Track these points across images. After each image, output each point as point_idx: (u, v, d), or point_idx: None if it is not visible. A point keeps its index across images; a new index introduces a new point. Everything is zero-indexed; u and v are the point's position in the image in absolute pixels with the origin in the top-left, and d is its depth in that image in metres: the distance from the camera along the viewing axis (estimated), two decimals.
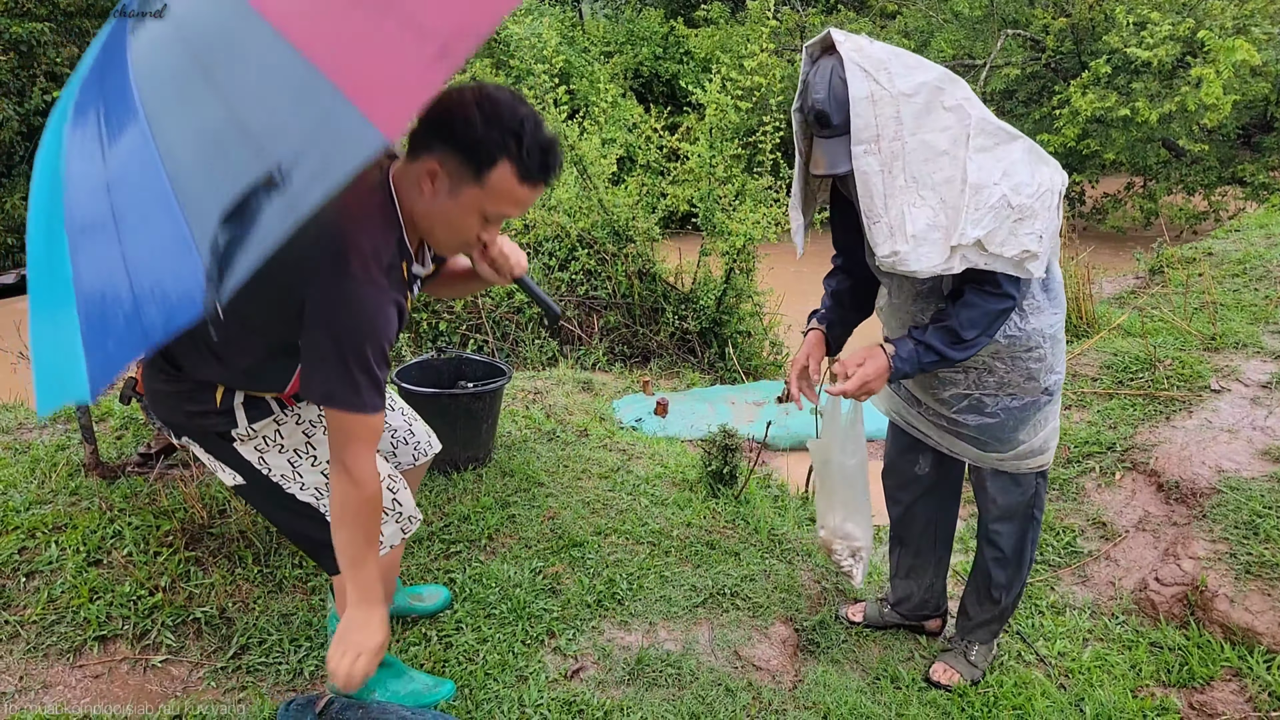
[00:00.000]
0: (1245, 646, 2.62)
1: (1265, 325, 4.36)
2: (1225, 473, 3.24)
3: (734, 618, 2.56)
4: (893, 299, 2.16)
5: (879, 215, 1.82)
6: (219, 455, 1.77)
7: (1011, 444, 2.19)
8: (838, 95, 1.79)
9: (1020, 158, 1.85)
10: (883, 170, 1.79)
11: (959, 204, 1.80)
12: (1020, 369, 2.10)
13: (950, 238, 1.80)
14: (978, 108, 1.83)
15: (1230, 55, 9.01)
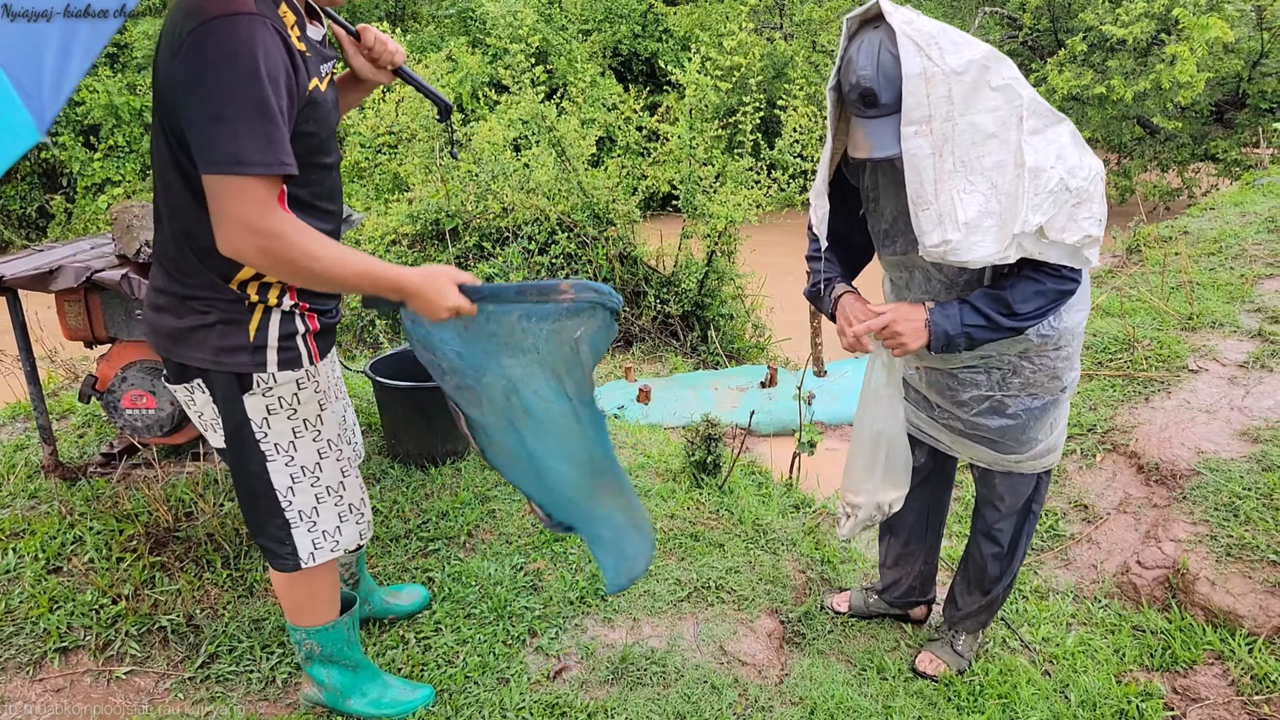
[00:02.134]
0: (1227, 629, 2.63)
1: (1241, 304, 4.37)
2: (1205, 454, 3.24)
3: (719, 611, 2.53)
4: (919, 293, 2.06)
5: (928, 201, 1.72)
6: (223, 404, 1.65)
7: (1030, 445, 2.14)
8: (887, 71, 1.68)
9: (1068, 140, 1.77)
10: (934, 153, 1.69)
11: (1014, 189, 1.70)
12: (1047, 368, 2.04)
13: (1007, 225, 1.71)
14: (1027, 88, 1.73)
15: (1204, 32, 9.03)
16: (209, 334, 1.60)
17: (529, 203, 5.68)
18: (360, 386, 3.79)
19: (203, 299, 1.59)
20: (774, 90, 9.10)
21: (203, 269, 1.57)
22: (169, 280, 1.60)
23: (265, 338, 1.63)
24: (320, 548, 1.79)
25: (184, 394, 1.69)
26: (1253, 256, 4.80)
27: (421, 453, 2.95)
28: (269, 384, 1.64)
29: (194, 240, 1.54)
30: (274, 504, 1.73)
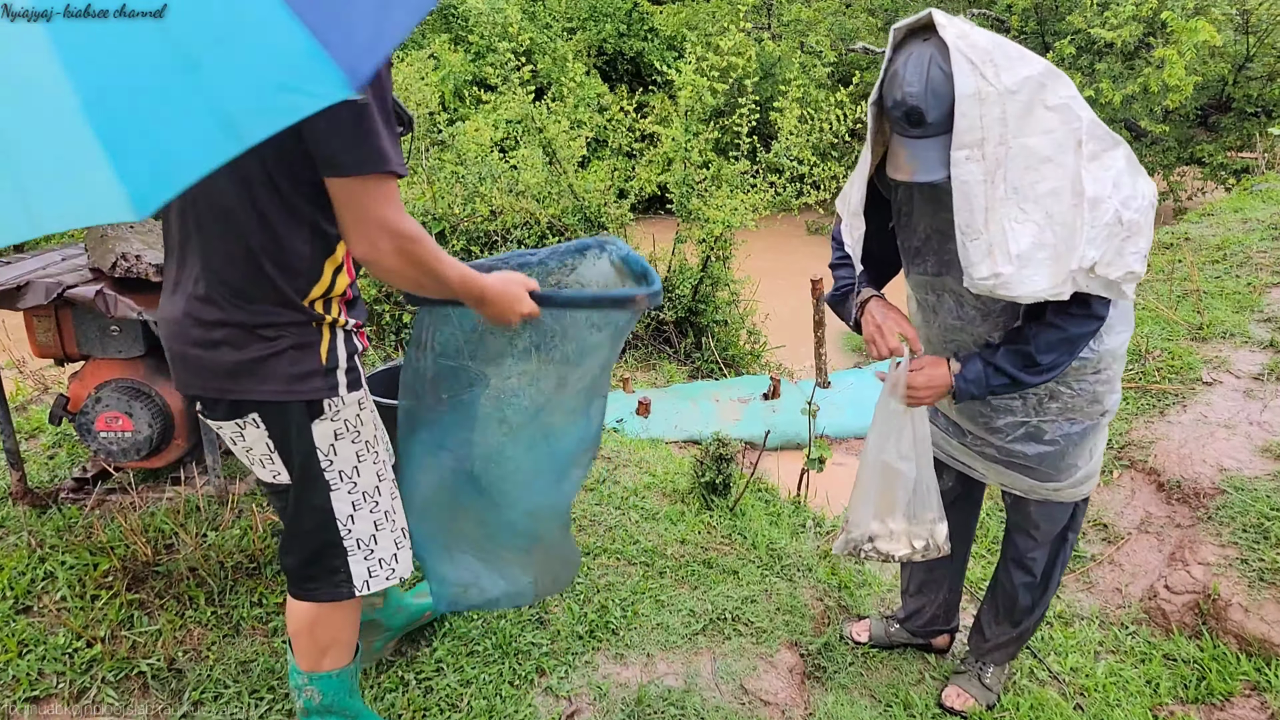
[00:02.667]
0: (1262, 658, 2.53)
1: (1251, 313, 4.30)
2: (1227, 471, 3.15)
3: (737, 645, 2.39)
4: (948, 318, 1.95)
5: (978, 231, 1.59)
6: (285, 438, 1.56)
7: (1069, 472, 2.02)
8: (936, 89, 1.54)
9: (1124, 166, 1.64)
10: (986, 180, 1.56)
11: (1070, 220, 1.58)
12: (1086, 393, 1.92)
13: (1062, 258, 1.58)
14: (1085, 108, 1.60)
15: (1193, 36, 9.02)
16: (278, 362, 1.51)
17: (518, 205, 5.52)
18: None
19: (272, 325, 1.50)
20: (762, 90, 8.99)
21: (277, 289, 1.48)
22: (228, 311, 1.49)
23: (336, 359, 1.57)
24: (375, 575, 1.70)
25: (231, 430, 1.59)
26: (1258, 264, 4.74)
27: None
28: (338, 408, 1.58)
29: (275, 257, 1.47)
30: (334, 533, 1.64)
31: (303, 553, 1.67)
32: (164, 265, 1.61)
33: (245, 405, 1.53)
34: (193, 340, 1.52)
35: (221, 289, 1.48)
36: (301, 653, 1.73)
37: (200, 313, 1.50)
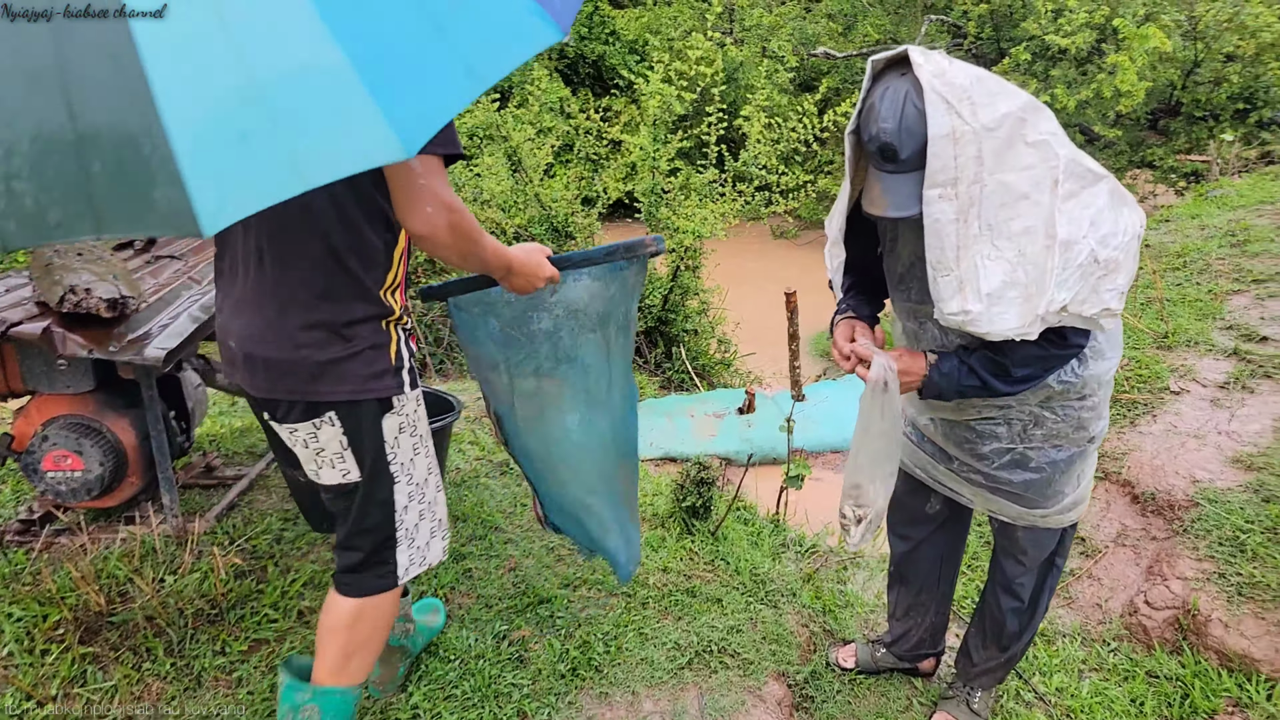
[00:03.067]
0: (1243, 674, 2.53)
1: (1213, 321, 4.35)
2: (1200, 483, 3.17)
3: (724, 679, 2.32)
4: (932, 345, 1.91)
5: (949, 267, 1.57)
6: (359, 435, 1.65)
7: (1056, 499, 2.00)
8: (910, 127, 1.52)
9: (1105, 202, 1.61)
10: (958, 218, 1.54)
11: (1042, 262, 1.55)
12: (1071, 419, 1.89)
13: (1032, 299, 1.56)
14: (1065, 144, 1.57)
15: (1144, 42, 9.19)
16: (354, 363, 1.60)
17: (482, 215, 5.41)
18: None
19: (353, 324, 1.59)
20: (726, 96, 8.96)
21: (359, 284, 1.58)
22: (313, 314, 1.57)
23: (402, 359, 1.68)
24: (413, 564, 1.81)
25: (305, 432, 1.65)
26: (1218, 272, 4.81)
27: None
28: (403, 403, 1.69)
29: (357, 251, 1.57)
30: (390, 525, 1.75)
31: (368, 547, 1.75)
32: (222, 280, 1.67)
33: (323, 406, 1.60)
34: (275, 346, 1.57)
35: (305, 292, 1.55)
36: (328, 658, 1.75)
37: (284, 319, 1.57)
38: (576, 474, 2.08)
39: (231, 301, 1.64)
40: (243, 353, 1.61)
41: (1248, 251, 4.98)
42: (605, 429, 2.04)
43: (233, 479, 2.82)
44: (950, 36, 11.63)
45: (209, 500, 2.78)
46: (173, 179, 0.99)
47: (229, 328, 1.64)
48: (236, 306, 1.62)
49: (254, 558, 2.51)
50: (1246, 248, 5.02)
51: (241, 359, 1.62)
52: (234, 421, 3.43)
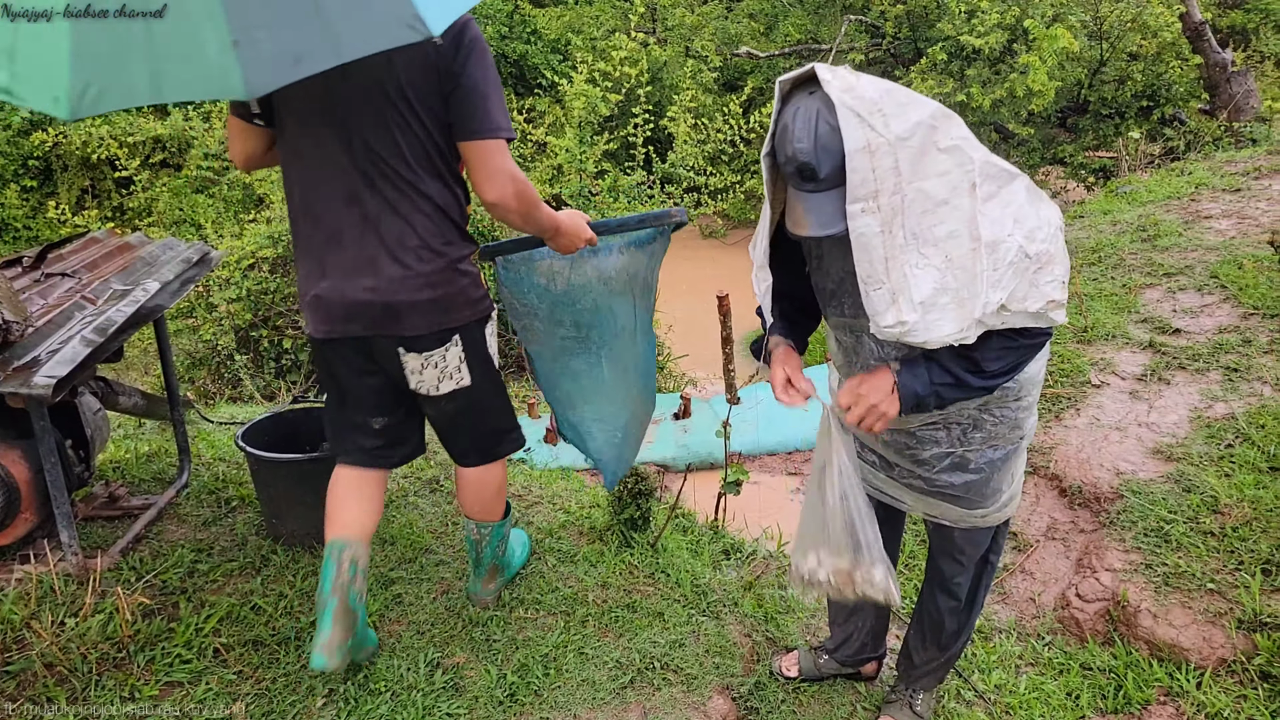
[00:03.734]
0: (1173, 664, 2.60)
1: (1129, 315, 4.49)
2: (1124, 474, 3.25)
3: (667, 696, 2.27)
4: (869, 359, 1.89)
5: (880, 280, 1.55)
6: (474, 347, 2.07)
7: (995, 497, 2.01)
8: (826, 144, 1.50)
9: (1024, 198, 1.61)
10: (883, 230, 1.52)
11: (971, 266, 1.55)
12: (1008, 419, 1.90)
13: (965, 304, 1.55)
14: (978, 148, 1.58)
15: (1053, 43, 9.50)
16: (467, 292, 2.02)
17: None
18: (226, 445, 3.29)
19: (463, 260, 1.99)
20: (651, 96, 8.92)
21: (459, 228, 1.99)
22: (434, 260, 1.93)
23: (484, 283, 2.09)
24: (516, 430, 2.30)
25: (438, 355, 2.02)
26: (1131, 266, 4.98)
27: (309, 532, 2.53)
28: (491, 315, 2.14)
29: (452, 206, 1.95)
30: (506, 402, 2.24)
31: (497, 426, 2.23)
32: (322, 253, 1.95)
33: (450, 332, 2.01)
34: (412, 292, 1.92)
35: (421, 240, 1.91)
36: (488, 510, 2.31)
37: (409, 269, 1.91)
38: (591, 403, 2.48)
39: (343, 265, 1.92)
40: (380, 303, 1.92)
41: (1158, 246, 5.16)
42: (624, 369, 2.44)
43: (139, 509, 2.64)
44: (869, 37, 11.84)
45: (114, 533, 2.59)
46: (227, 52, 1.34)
47: (350, 286, 1.92)
48: (356, 267, 1.92)
49: (164, 594, 2.35)
50: (1156, 242, 5.21)
51: (373, 309, 1.93)
52: (140, 446, 3.23)
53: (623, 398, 2.49)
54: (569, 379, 2.44)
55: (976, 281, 1.57)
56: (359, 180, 1.87)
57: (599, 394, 2.46)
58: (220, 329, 4.87)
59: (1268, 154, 6.77)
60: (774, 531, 3.37)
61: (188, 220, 8.20)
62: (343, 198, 1.88)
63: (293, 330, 5.00)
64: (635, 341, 2.41)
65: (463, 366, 2.05)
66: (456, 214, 1.96)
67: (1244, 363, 3.75)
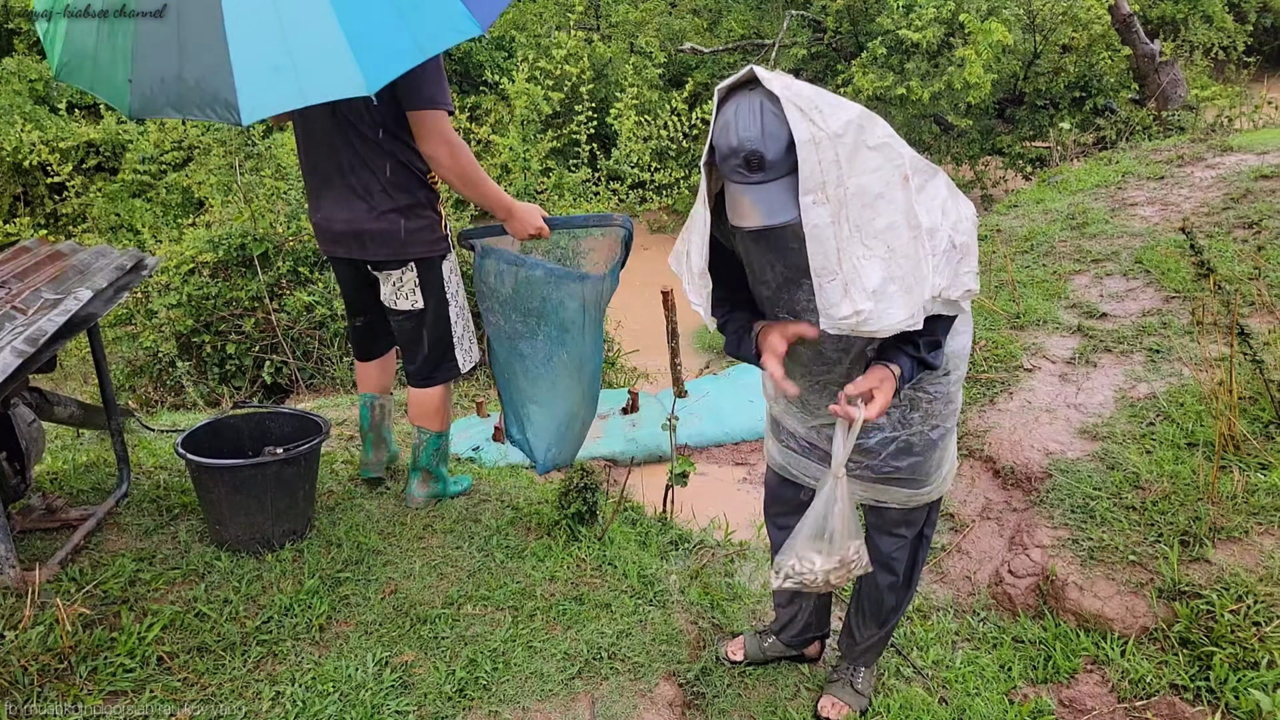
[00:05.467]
0: (1099, 633, 2.72)
1: (1059, 301, 4.65)
2: (1053, 454, 3.38)
3: (615, 685, 2.32)
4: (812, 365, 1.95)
5: (833, 271, 1.59)
6: (428, 279, 2.60)
7: (937, 475, 2.11)
8: (772, 132, 1.53)
9: (946, 193, 1.70)
10: (833, 221, 1.56)
11: (913, 252, 1.62)
12: (942, 396, 1.99)
13: (913, 290, 1.62)
14: (904, 145, 1.65)
15: (988, 36, 9.73)
16: (425, 233, 2.56)
17: None
18: (167, 453, 3.26)
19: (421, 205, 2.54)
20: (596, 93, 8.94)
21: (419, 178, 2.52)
22: (395, 200, 2.49)
23: (447, 229, 2.64)
24: (465, 360, 2.80)
25: (396, 276, 2.59)
26: (1061, 253, 5.15)
27: (253, 537, 2.53)
28: (452, 255, 2.67)
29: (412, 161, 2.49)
30: (449, 334, 2.71)
31: (435, 352, 2.72)
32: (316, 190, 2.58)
33: (405, 260, 2.55)
34: (376, 223, 2.50)
35: (381, 188, 2.47)
36: (426, 420, 2.82)
37: (380, 207, 2.49)
38: (534, 387, 2.78)
39: (330, 201, 2.54)
40: (353, 231, 2.52)
41: (1086, 233, 5.35)
42: (569, 365, 2.71)
43: (78, 520, 2.61)
44: (811, 31, 12.00)
45: (52, 545, 2.56)
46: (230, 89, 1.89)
47: (334, 217, 2.55)
48: (337, 202, 2.52)
49: (105, 604, 2.33)
50: (1085, 229, 5.40)
51: (350, 236, 2.54)
52: (78, 457, 3.18)
53: (564, 390, 2.75)
54: (517, 361, 2.76)
55: (921, 266, 1.63)
56: (339, 139, 2.44)
57: (542, 381, 2.75)
58: (161, 336, 4.79)
59: (1190, 142, 7.03)
60: (721, 521, 3.44)
61: (124, 225, 8.02)
62: (328, 151, 2.48)
63: (236, 335, 4.94)
64: (583, 342, 2.67)
65: (417, 290, 2.59)
66: (416, 168, 2.48)
67: (1165, 344, 3.92)
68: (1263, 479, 2.89)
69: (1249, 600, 2.50)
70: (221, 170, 5.39)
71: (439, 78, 2.36)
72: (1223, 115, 8.74)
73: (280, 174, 5.45)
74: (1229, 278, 4.29)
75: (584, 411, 2.81)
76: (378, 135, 2.42)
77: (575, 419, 2.81)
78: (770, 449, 2.32)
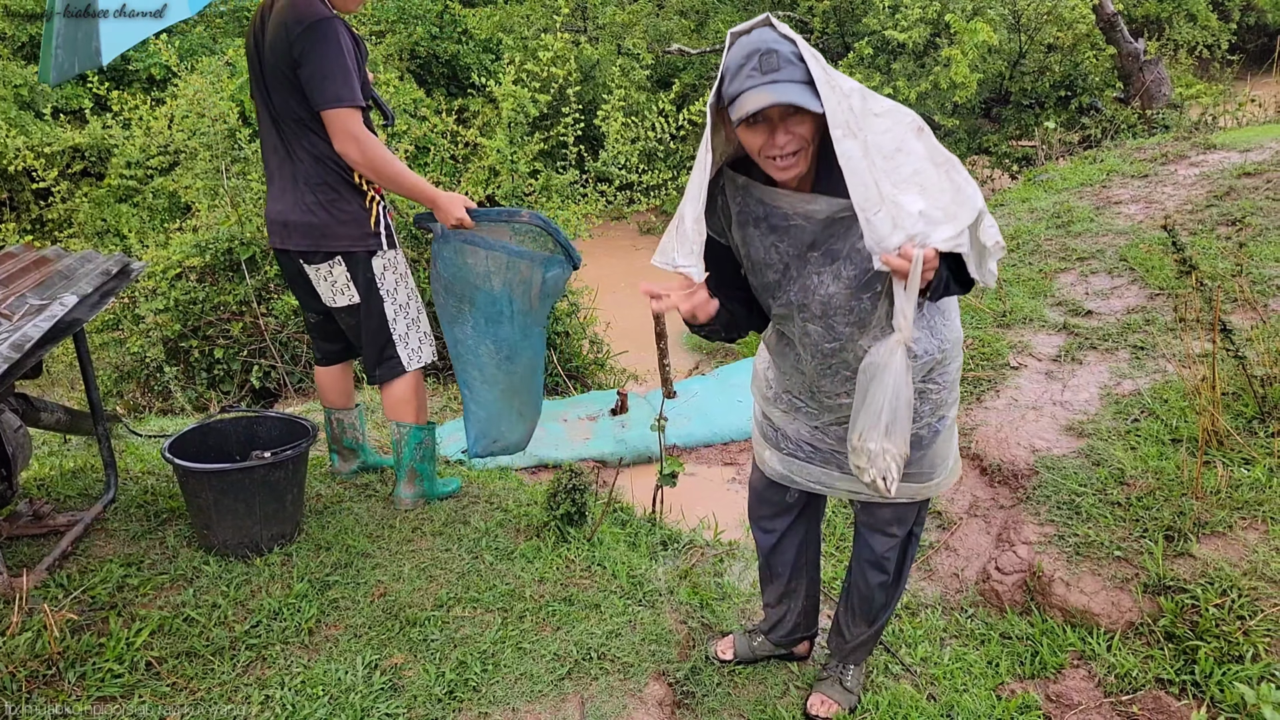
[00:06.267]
0: (1085, 629, 2.74)
1: (1045, 299, 4.69)
2: (1039, 452, 3.41)
3: (605, 685, 2.32)
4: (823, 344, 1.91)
5: (876, 203, 1.57)
6: (359, 273, 2.68)
7: (943, 468, 2.12)
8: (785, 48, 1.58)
9: None
10: (864, 155, 1.58)
11: (943, 183, 1.61)
12: (947, 384, 2.00)
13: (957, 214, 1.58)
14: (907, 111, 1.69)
15: (973, 36, 9.78)
16: (350, 227, 2.63)
17: None
18: (155, 458, 3.25)
19: (344, 199, 2.61)
20: (584, 95, 8.95)
21: (341, 176, 2.60)
22: (316, 194, 2.59)
23: (380, 225, 2.68)
24: (410, 359, 2.84)
25: (325, 269, 2.68)
26: (1047, 252, 5.18)
27: (241, 542, 2.53)
28: (384, 253, 2.70)
29: (334, 159, 2.57)
30: (387, 332, 2.77)
31: (373, 349, 2.80)
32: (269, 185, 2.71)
33: (332, 254, 2.64)
34: (299, 215, 2.60)
35: (308, 184, 2.59)
36: (399, 413, 2.88)
37: (304, 199, 2.60)
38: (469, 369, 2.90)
39: (272, 193, 2.68)
40: (281, 221, 2.64)
41: (1071, 231, 5.39)
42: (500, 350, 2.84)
43: (65, 526, 2.60)
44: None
45: (40, 551, 2.55)
46: None
47: (272, 209, 2.68)
48: (275, 195, 2.66)
49: (93, 609, 2.32)
50: (1070, 228, 5.44)
51: (280, 225, 2.65)
52: (65, 463, 3.16)
53: (493, 375, 2.89)
54: (455, 342, 2.88)
55: (961, 190, 1.61)
56: (275, 134, 2.61)
57: (474, 362, 2.88)
58: (148, 341, 4.77)
59: (1174, 140, 7.08)
60: (710, 521, 3.45)
61: (111, 230, 7.97)
62: (270, 146, 2.65)
63: (224, 340, 4.92)
64: (512, 330, 2.83)
65: (350, 285, 2.68)
66: (335, 165, 2.58)
67: (1149, 341, 3.95)
68: (1246, 474, 2.92)
69: (1233, 594, 2.52)
70: (208, 174, 5.36)
71: (345, 75, 2.43)
72: (1207, 113, 8.81)
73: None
74: (1212, 275, 4.33)
75: (520, 400, 2.92)
76: (299, 130, 2.55)
77: (509, 406, 2.91)
78: (766, 458, 2.26)
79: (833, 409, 2.04)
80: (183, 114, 5.43)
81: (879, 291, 1.80)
